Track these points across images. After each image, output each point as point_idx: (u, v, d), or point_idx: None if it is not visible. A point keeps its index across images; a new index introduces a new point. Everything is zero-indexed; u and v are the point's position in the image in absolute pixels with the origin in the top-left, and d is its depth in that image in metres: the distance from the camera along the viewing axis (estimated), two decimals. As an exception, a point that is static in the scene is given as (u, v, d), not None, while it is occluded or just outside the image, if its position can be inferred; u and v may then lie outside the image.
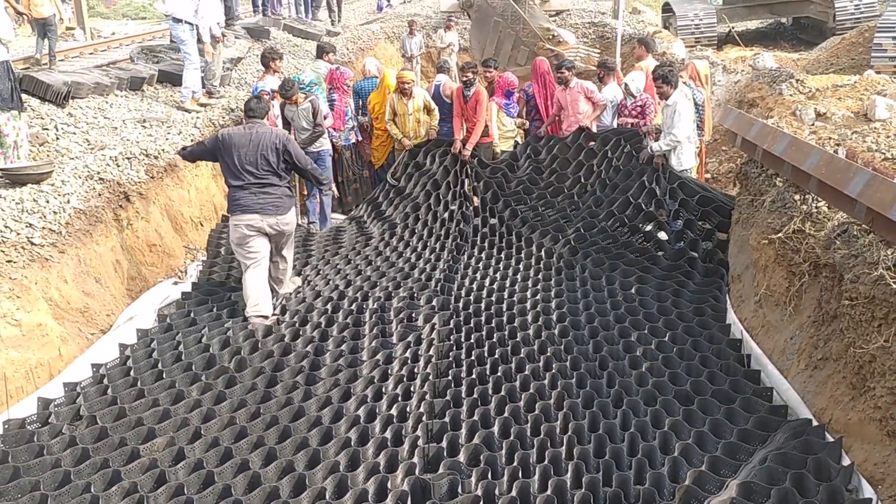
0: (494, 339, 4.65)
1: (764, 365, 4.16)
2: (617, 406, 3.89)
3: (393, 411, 3.84)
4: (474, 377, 4.21)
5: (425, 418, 3.82)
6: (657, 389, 3.97)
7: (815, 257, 4.01)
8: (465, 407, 3.91)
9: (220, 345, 4.57)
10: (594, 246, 5.98)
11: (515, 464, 3.43)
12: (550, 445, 3.57)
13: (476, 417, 3.80)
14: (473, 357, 4.45)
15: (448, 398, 4.02)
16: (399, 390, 4.04)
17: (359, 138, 8.21)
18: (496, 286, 5.50)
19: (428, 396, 4.03)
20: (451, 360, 4.44)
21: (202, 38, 7.90)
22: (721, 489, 3.08)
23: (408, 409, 3.86)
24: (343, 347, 4.58)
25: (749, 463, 3.26)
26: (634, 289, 5.23)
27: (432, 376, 4.22)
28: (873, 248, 3.50)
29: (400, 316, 5.00)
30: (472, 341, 4.65)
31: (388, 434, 3.64)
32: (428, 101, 7.50)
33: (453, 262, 6.07)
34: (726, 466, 3.29)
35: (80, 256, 5.00)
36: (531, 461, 3.46)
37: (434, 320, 4.87)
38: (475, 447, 3.57)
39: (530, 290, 5.38)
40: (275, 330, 4.83)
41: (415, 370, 4.27)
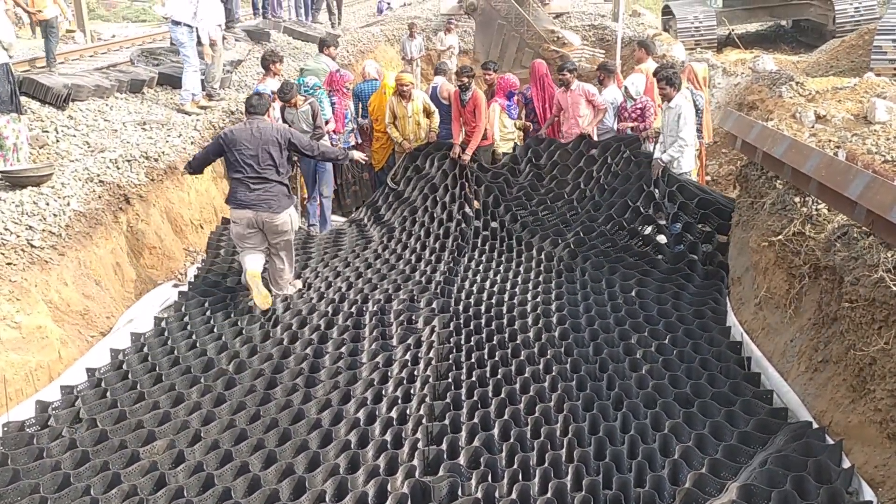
0: (494, 342, 4.65)
1: (764, 367, 4.15)
2: (617, 408, 3.89)
3: (393, 414, 3.84)
4: (474, 380, 4.21)
5: (425, 421, 3.82)
6: (657, 392, 3.96)
7: (816, 260, 4.00)
8: (465, 409, 3.91)
9: (217, 349, 4.57)
10: (594, 249, 5.98)
11: (515, 466, 3.42)
12: (550, 448, 3.57)
13: (476, 420, 3.80)
14: (473, 360, 4.45)
15: (448, 400, 4.02)
16: (399, 393, 4.04)
17: (358, 141, 8.22)
18: (496, 289, 5.50)
19: (428, 399, 4.03)
20: (451, 363, 4.44)
21: (201, 41, 7.91)
22: (721, 492, 3.08)
23: (408, 412, 3.86)
24: (343, 350, 4.58)
25: (749, 465, 3.26)
26: (634, 291, 5.23)
27: (432, 379, 4.22)
28: (873, 251, 3.50)
29: (400, 318, 5.00)
30: (472, 344, 4.64)
31: (388, 436, 3.64)
32: (427, 104, 7.50)
33: (453, 265, 6.07)
34: (726, 469, 3.29)
35: (80, 259, 5.01)
36: (531, 463, 3.46)
37: (434, 323, 4.86)
38: (475, 449, 3.56)
39: (530, 293, 5.38)
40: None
41: (415, 373, 4.27)
